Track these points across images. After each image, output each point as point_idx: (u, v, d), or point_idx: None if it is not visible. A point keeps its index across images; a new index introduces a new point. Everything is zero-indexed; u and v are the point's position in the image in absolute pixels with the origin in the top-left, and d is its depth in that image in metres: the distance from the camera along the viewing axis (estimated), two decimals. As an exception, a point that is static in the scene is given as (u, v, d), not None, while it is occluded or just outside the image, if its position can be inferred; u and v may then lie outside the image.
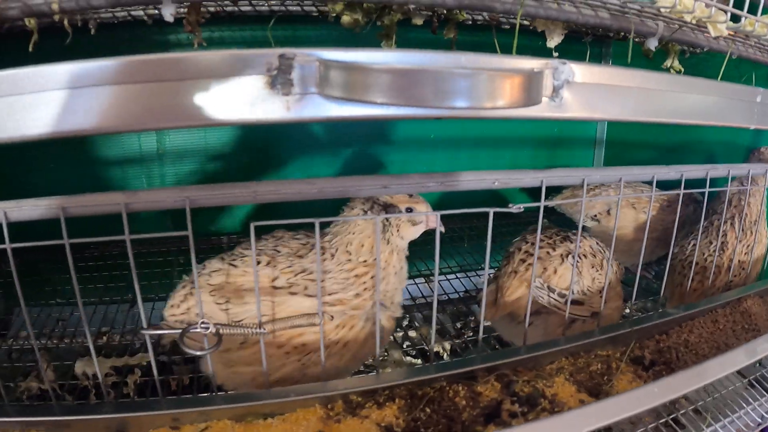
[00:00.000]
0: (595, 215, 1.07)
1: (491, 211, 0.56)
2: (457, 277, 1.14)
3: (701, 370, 0.60)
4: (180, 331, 0.52)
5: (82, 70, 0.37)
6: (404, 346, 0.94)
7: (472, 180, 0.55)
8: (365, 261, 0.61)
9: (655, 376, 0.68)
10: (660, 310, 0.79)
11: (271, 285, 0.59)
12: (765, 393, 0.96)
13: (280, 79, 0.41)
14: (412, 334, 1.03)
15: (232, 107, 0.41)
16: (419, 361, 0.94)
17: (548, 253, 0.80)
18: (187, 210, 0.49)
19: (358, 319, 0.62)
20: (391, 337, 0.93)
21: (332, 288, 0.60)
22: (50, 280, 0.99)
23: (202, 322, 0.51)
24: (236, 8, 0.84)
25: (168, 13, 0.46)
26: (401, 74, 0.38)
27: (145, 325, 0.52)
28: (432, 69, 0.37)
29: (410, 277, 1.23)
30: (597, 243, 0.83)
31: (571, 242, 0.80)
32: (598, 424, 0.51)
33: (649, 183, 0.74)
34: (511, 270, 0.79)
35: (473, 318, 1.05)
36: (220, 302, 0.60)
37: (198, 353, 0.52)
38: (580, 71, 0.50)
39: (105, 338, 0.87)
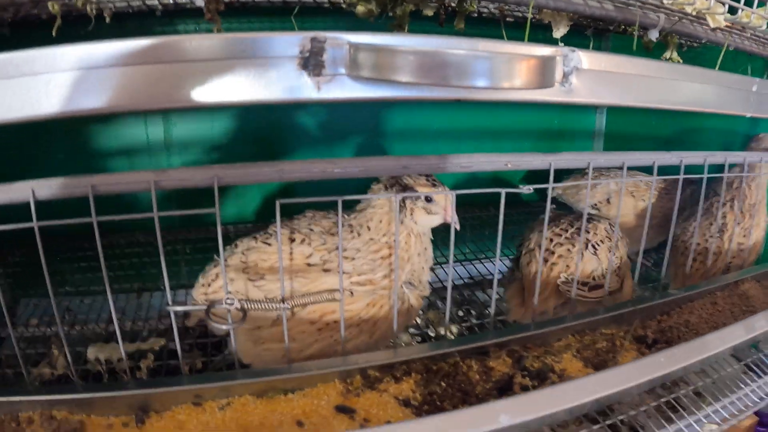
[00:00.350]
0: (596, 204, 1.11)
1: (503, 191, 0.60)
2: (461, 264, 1.19)
3: (701, 344, 0.64)
4: (206, 307, 0.55)
5: (128, 47, 0.40)
6: (409, 330, 0.97)
7: (485, 161, 0.59)
8: (387, 242, 0.64)
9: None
10: (662, 292, 0.83)
11: (306, 263, 0.62)
12: (761, 376, 1.02)
13: (312, 61, 0.44)
14: (417, 320, 1.06)
15: (266, 86, 0.44)
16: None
17: (569, 250, 0.83)
18: (215, 187, 0.51)
19: (388, 298, 0.65)
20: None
21: (362, 269, 0.63)
22: (57, 269, 1.01)
23: (227, 298, 0.54)
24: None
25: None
26: (427, 55, 0.42)
27: (170, 302, 0.54)
28: (455, 51, 0.41)
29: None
30: (609, 224, 0.87)
31: (587, 232, 0.83)
32: (606, 392, 0.54)
33: (648, 171, 0.79)
34: (535, 270, 0.81)
35: (476, 303, 1.09)
36: (253, 279, 0.62)
37: (224, 327, 0.55)
38: (587, 59, 0.54)
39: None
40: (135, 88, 0.42)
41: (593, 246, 0.83)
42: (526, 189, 0.61)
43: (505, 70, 0.42)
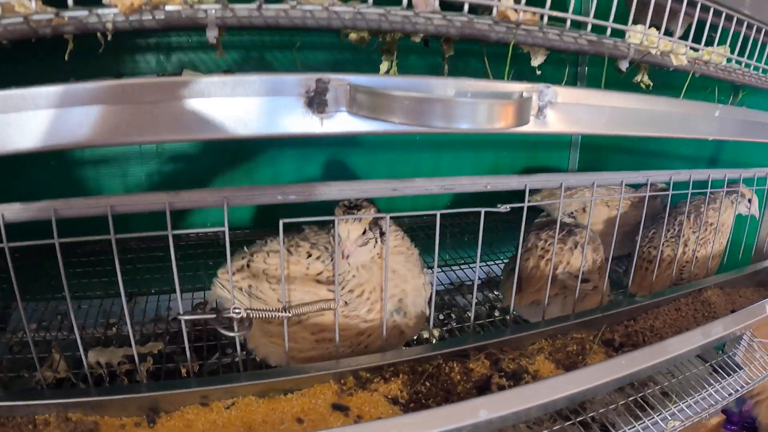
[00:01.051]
0: (572, 212, 1.21)
1: (482, 210, 0.68)
2: (441, 271, 1.28)
3: (662, 347, 0.73)
4: (214, 315, 0.62)
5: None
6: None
7: (467, 183, 0.67)
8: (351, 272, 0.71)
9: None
10: (629, 299, 0.93)
11: (316, 279, 0.70)
12: (725, 377, 1.13)
13: (316, 100, 0.52)
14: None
15: (274, 122, 0.52)
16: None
17: (561, 248, 0.95)
18: (224, 208, 0.59)
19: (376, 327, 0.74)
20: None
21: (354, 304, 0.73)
22: (51, 274, 1.06)
23: (234, 307, 0.61)
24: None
25: (212, 35, 0.56)
26: (418, 101, 0.50)
27: (181, 311, 0.62)
28: (443, 98, 0.49)
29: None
30: (591, 231, 0.98)
31: (574, 234, 0.96)
32: (573, 390, 0.64)
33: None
34: (533, 265, 0.95)
35: (457, 307, 1.19)
36: (271, 281, 0.70)
37: (231, 334, 0.62)
38: (561, 93, 0.63)
39: (114, 329, 0.96)
40: (150, 120, 0.49)
41: (581, 246, 0.94)
42: (503, 208, 0.69)
43: (486, 114, 0.50)
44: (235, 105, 0.50)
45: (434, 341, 1.00)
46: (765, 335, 1.18)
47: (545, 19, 0.60)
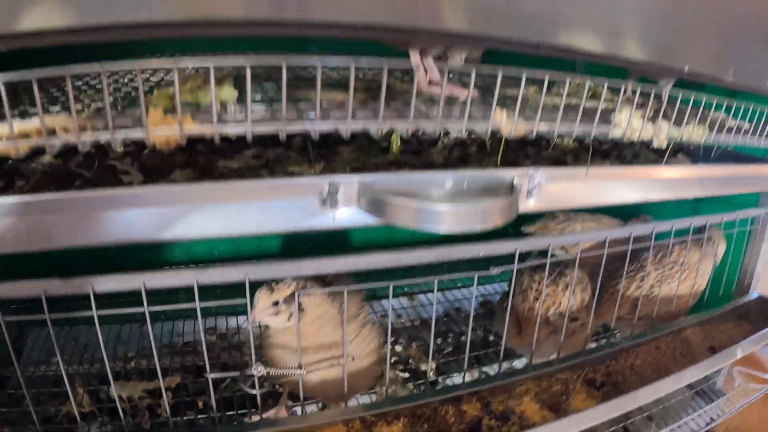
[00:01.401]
0: (563, 245, 1.31)
1: (476, 275, 0.78)
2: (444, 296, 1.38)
3: (635, 395, 0.83)
4: (238, 373, 0.72)
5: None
6: (392, 360, 1.16)
7: (463, 251, 0.76)
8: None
9: (605, 395, 0.92)
10: (611, 340, 1.03)
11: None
12: (710, 402, 1.24)
13: (329, 199, 0.61)
14: (398, 349, 1.25)
15: (294, 219, 0.61)
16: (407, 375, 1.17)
17: (553, 290, 1.03)
18: (246, 282, 0.68)
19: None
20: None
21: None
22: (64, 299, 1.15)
23: (255, 367, 0.71)
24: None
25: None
26: (417, 211, 0.59)
27: (208, 370, 0.71)
28: (439, 208, 0.58)
29: (395, 295, 1.44)
30: (579, 272, 1.07)
31: (565, 276, 1.04)
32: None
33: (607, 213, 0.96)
34: (528, 307, 1.03)
35: (453, 333, 1.29)
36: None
37: (252, 392, 0.72)
38: (547, 175, 0.72)
39: (133, 363, 1.05)
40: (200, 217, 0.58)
41: (571, 287, 1.03)
42: (495, 271, 0.79)
43: (480, 219, 0.59)
44: (259, 208, 0.59)
45: (431, 373, 1.10)
46: (744, 362, 1.28)
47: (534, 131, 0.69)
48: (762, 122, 0.92)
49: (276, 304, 0.74)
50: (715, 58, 0.77)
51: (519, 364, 1.18)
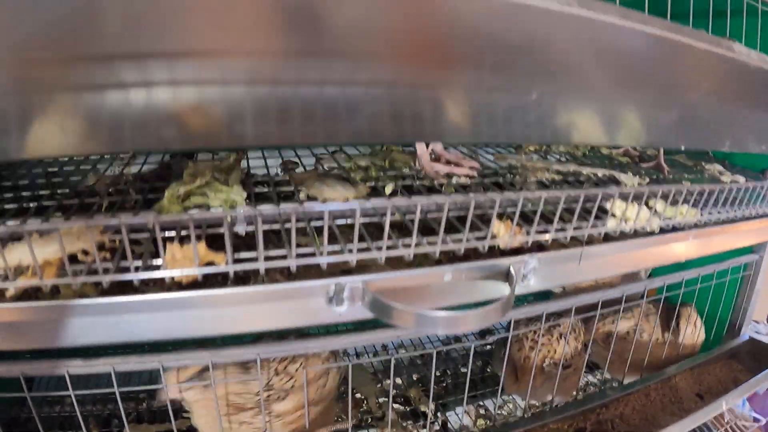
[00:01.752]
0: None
1: (472, 344, 0.83)
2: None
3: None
4: None
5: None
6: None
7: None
8: None
9: (594, 443, 0.99)
10: (602, 389, 1.09)
11: None
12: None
13: (335, 298, 0.66)
14: (398, 381, 1.32)
15: (303, 316, 0.66)
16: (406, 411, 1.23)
17: (548, 339, 1.10)
18: (257, 362, 0.74)
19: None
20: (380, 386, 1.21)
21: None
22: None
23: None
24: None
25: (242, 229, 0.69)
26: (417, 316, 0.64)
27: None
28: (438, 315, 0.63)
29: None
30: (574, 319, 1.13)
31: (559, 326, 1.11)
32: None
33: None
34: (524, 356, 1.10)
35: (452, 371, 1.36)
36: None
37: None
38: (541, 258, 0.77)
39: (144, 404, 1.12)
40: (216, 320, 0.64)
41: (564, 336, 1.09)
42: (491, 339, 0.84)
43: (477, 323, 0.65)
44: (273, 309, 0.65)
45: (430, 414, 1.17)
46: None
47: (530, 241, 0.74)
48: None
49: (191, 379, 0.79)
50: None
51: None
